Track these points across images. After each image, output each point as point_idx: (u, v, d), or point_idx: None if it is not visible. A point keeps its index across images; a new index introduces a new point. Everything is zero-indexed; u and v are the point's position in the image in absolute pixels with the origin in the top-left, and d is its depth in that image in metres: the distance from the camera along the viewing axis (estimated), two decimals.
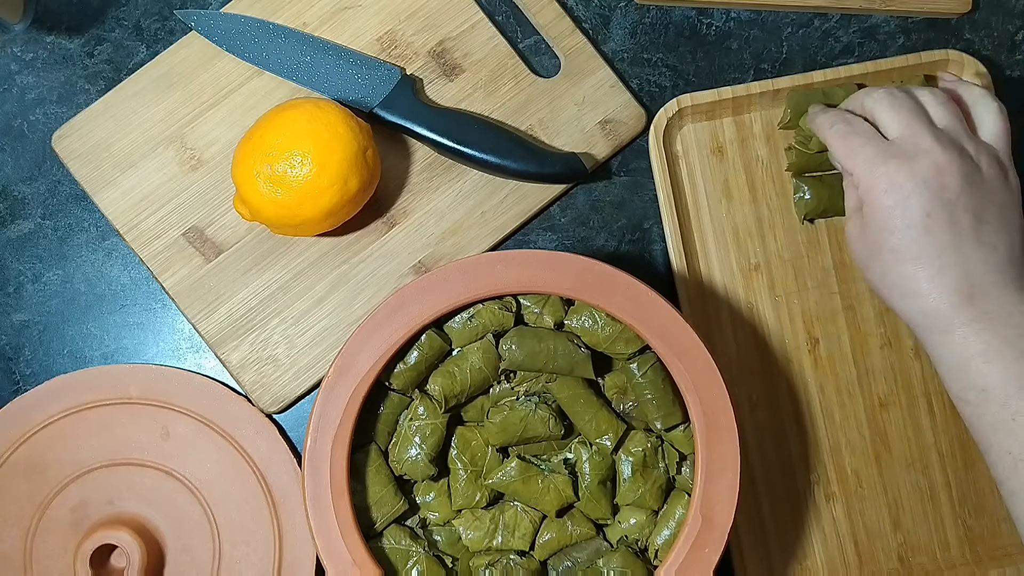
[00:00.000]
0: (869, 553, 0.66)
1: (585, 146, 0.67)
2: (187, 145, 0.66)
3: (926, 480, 0.67)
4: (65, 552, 0.64)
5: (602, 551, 0.60)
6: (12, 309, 0.67)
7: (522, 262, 0.57)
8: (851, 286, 0.68)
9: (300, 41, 0.66)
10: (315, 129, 0.59)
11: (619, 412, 0.60)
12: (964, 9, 0.70)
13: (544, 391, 0.60)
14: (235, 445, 0.65)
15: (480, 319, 0.59)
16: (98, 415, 0.65)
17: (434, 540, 0.60)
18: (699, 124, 0.68)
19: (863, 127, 0.59)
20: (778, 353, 0.67)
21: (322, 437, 0.56)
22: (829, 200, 0.66)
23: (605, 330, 0.59)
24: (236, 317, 0.65)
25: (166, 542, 0.65)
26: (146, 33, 0.68)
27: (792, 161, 0.66)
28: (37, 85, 0.68)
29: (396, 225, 0.67)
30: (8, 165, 0.67)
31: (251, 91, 0.67)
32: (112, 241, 0.67)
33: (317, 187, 0.59)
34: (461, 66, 0.67)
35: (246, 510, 0.65)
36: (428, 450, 0.59)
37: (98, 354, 0.67)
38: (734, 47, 0.70)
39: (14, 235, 0.67)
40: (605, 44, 0.70)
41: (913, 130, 0.57)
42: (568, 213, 0.69)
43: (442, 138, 0.64)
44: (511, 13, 0.69)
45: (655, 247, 0.69)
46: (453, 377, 0.59)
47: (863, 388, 0.67)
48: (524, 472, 0.59)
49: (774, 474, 0.66)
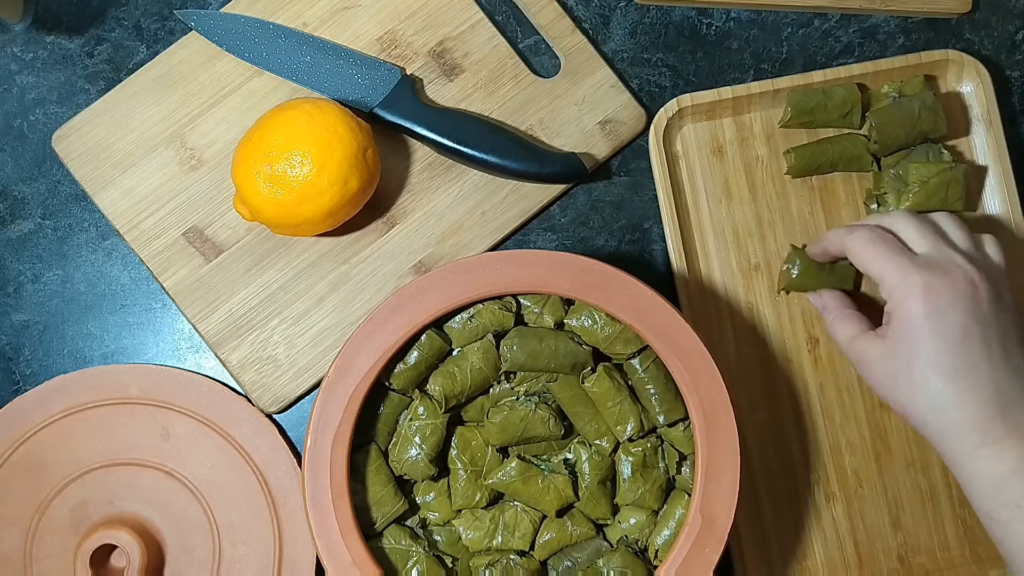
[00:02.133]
0: (869, 553, 0.66)
1: (585, 146, 0.67)
2: (187, 145, 0.66)
3: (926, 480, 0.67)
4: (65, 552, 0.64)
5: (602, 551, 0.60)
6: (12, 309, 0.67)
7: (522, 262, 0.57)
8: None
9: (300, 41, 0.66)
10: (315, 129, 0.59)
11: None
12: (964, 9, 0.70)
13: (544, 391, 0.60)
14: (235, 445, 0.65)
15: (480, 319, 0.59)
16: (98, 415, 0.65)
17: (434, 540, 0.60)
18: (699, 124, 0.68)
19: (889, 236, 0.58)
20: (778, 353, 0.67)
21: (322, 437, 0.56)
22: (815, 282, 0.65)
23: (605, 330, 0.59)
24: (236, 317, 0.65)
25: (166, 542, 0.65)
26: (146, 33, 0.68)
27: (791, 164, 0.66)
28: (37, 85, 0.68)
29: (396, 225, 0.67)
30: (8, 165, 0.67)
31: (251, 91, 0.67)
32: (112, 241, 0.67)
33: (317, 187, 0.59)
34: (461, 66, 0.67)
35: (246, 510, 0.65)
36: (428, 450, 0.59)
37: (98, 354, 0.67)
38: (734, 47, 0.70)
39: (14, 235, 0.67)
40: (605, 44, 0.70)
41: (941, 247, 0.57)
42: (568, 213, 0.69)
43: (442, 138, 0.64)
44: (511, 13, 0.69)
45: (655, 247, 0.69)
46: (453, 377, 0.59)
47: (863, 388, 0.67)
48: (524, 472, 0.59)
49: (774, 474, 0.66)
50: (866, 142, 0.67)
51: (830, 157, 0.66)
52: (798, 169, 0.67)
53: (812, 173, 0.67)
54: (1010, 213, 0.68)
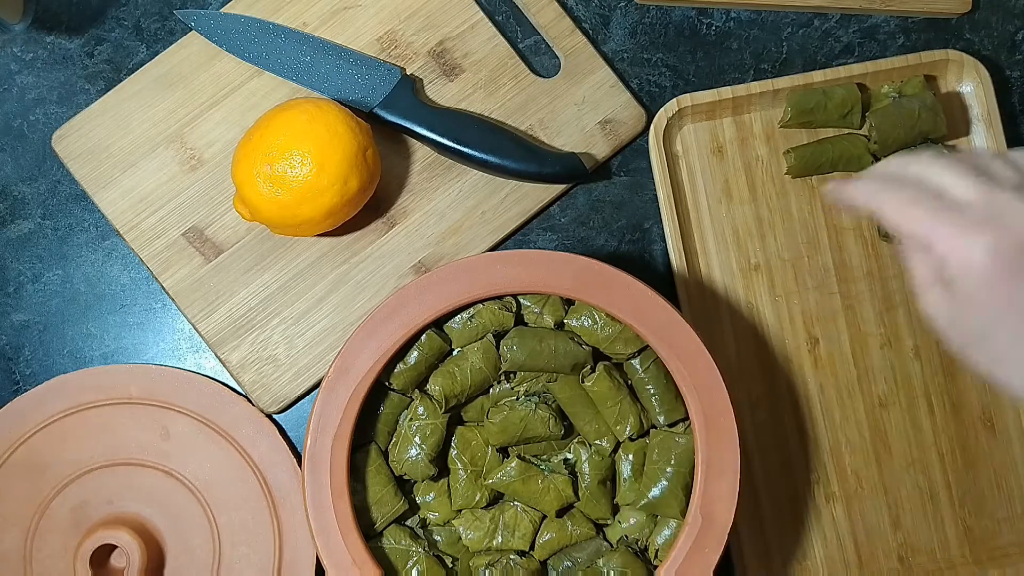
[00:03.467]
0: (869, 553, 0.66)
1: (585, 146, 0.67)
2: (187, 145, 0.66)
3: (926, 480, 0.67)
4: (65, 552, 0.64)
5: (602, 551, 0.60)
6: (12, 309, 0.67)
7: (522, 262, 0.57)
8: (851, 286, 0.68)
9: (300, 41, 0.66)
10: (315, 129, 0.59)
11: None
12: (964, 9, 0.70)
13: (544, 391, 0.60)
14: (235, 445, 0.65)
15: (480, 319, 0.59)
16: (98, 415, 0.65)
17: (434, 540, 0.60)
18: (699, 124, 0.68)
19: (924, 191, 0.49)
20: (778, 353, 0.67)
21: (322, 437, 0.56)
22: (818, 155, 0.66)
23: (605, 330, 0.59)
24: (236, 317, 0.65)
25: (166, 542, 0.65)
26: (146, 33, 0.68)
27: (791, 164, 0.66)
28: (37, 85, 0.68)
29: (396, 225, 0.67)
30: (8, 165, 0.67)
31: (251, 91, 0.67)
32: (112, 241, 0.67)
33: (317, 187, 0.59)
34: (461, 66, 0.67)
35: (246, 510, 0.65)
36: (428, 450, 0.59)
37: (98, 354, 0.67)
38: (734, 47, 0.70)
39: (14, 235, 0.67)
40: (605, 44, 0.70)
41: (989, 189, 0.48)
42: (568, 213, 0.69)
43: (442, 138, 0.64)
44: (511, 13, 0.69)
45: (655, 247, 0.69)
46: (453, 377, 0.59)
47: (863, 388, 0.67)
48: (524, 472, 0.59)
49: (774, 474, 0.66)
50: (866, 142, 0.67)
51: (830, 157, 0.66)
52: (798, 169, 0.67)
53: (812, 173, 0.67)
54: None
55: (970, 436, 0.68)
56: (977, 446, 0.68)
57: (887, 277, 0.68)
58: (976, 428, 0.68)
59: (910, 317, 0.68)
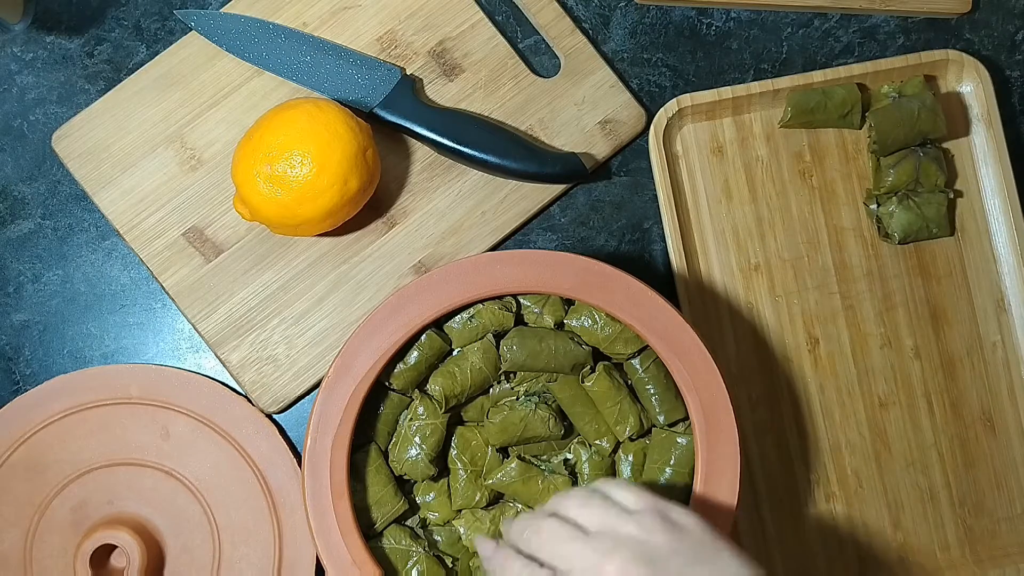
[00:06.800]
0: (869, 553, 0.66)
1: (585, 146, 0.67)
2: (187, 145, 0.66)
3: (926, 480, 0.67)
4: (65, 552, 0.64)
5: None
6: (12, 309, 0.67)
7: (522, 262, 0.57)
8: (851, 286, 0.68)
9: (300, 41, 0.66)
10: (315, 129, 0.59)
11: None
12: (964, 9, 0.70)
13: (544, 391, 0.60)
14: (235, 445, 0.65)
15: (480, 319, 0.59)
16: (98, 415, 0.65)
17: (434, 540, 0.60)
18: (699, 124, 0.68)
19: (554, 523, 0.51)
20: (778, 353, 0.67)
21: (322, 437, 0.56)
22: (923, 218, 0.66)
23: (605, 330, 0.59)
24: (236, 317, 0.65)
25: (166, 542, 0.65)
26: (146, 33, 0.68)
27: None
28: (37, 85, 0.68)
29: (396, 225, 0.67)
30: (8, 165, 0.67)
31: (251, 91, 0.67)
32: (112, 241, 0.67)
33: (317, 187, 0.59)
34: (461, 66, 0.67)
35: (246, 510, 0.65)
36: (428, 450, 0.59)
37: (98, 354, 0.67)
38: (734, 47, 0.70)
39: (14, 235, 0.67)
40: (605, 44, 0.70)
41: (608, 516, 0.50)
42: (568, 213, 0.69)
43: (442, 138, 0.64)
44: (511, 13, 0.69)
45: (655, 247, 0.69)
46: (453, 377, 0.59)
47: (863, 388, 0.67)
48: (524, 472, 0.59)
49: (774, 474, 0.66)
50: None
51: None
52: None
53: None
54: (1010, 213, 0.68)
55: (970, 436, 0.68)
56: (977, 446, 0.68)
57: (887, 277, 0.68)
58: (976, 428, 0.68)
59: (910, 317, 0.68)
